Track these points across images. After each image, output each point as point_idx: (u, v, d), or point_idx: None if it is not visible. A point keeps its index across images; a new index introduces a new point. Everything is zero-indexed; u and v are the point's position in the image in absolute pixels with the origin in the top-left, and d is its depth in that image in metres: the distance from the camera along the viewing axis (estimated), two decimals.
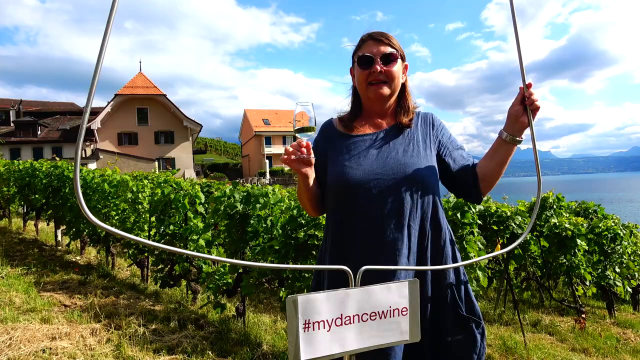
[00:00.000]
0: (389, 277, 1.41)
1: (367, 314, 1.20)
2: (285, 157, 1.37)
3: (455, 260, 1.58)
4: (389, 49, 1.55)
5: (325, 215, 1.67)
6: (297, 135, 1.41)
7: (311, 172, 1.47)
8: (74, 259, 6.15)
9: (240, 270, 3.73)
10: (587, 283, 5.44)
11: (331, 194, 1.58)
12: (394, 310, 1.22)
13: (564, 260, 5.00)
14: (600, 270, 5.57)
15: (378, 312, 1.21)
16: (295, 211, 3.21)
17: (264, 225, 3.63)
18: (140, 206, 5.31)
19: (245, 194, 3.74)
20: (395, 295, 1.22)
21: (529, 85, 1.43)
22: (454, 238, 1.62)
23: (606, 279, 5.52)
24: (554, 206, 5.61)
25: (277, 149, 50.17)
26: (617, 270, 5.65)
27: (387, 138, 1.60)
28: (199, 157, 58.85)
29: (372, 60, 1.54)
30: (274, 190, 3.83)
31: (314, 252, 3.12)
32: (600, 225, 5.56)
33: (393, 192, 1.48)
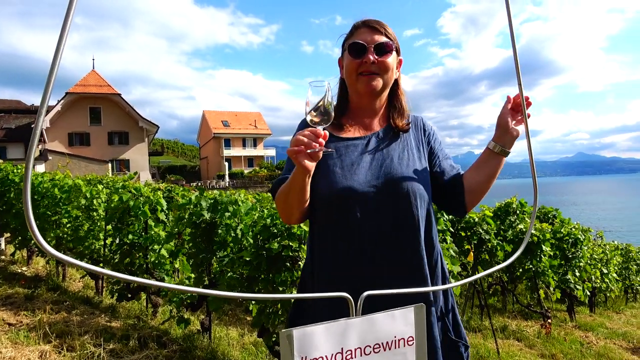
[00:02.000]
0: (390, 301, 1.27)
1: (370, 347, 1.05)
2: (296, 148, 1.12)
3: (444, 277, 1.47)
4: (383, 39, 1.41)
5: (302, 224, 1.50)
6: (311, 123, 1.16)
7: (313, 170, 1.21)
8: (19, 270, 5.66)
9: (207, 283, 3.51)
10: (552, 288, 5.57)
11: (319, 205, 1.39)
12: (399, 340, 1.08)
13: (530, 266, 5.08)
14: (561, 274, 5.73)
15: (382, 343, 1.06)
16: (268, 220, 3.02)
17: (232, 234, 3.43)
18: (95, 213, 4.96)
19: (212, 201, 3.52)
20: (401, 323, 1.08)
21: (526, 99, 1.36)
22: (442, 253, 1.52)
23: (567, 283, 5.68)
24: (518, 212, 5.71)
25: (236, 151, 49.57)
26: (577, 274, 5.83)
27: (379, 143, 1.46)
28: (155, 159, 57.12)
29: (365, 49, 1.39)
30: (243, 198, 3.63)
31: (288, 264, 2.95)
32: (562, 230, 5.72)
33: (390, 207, 1.34)
